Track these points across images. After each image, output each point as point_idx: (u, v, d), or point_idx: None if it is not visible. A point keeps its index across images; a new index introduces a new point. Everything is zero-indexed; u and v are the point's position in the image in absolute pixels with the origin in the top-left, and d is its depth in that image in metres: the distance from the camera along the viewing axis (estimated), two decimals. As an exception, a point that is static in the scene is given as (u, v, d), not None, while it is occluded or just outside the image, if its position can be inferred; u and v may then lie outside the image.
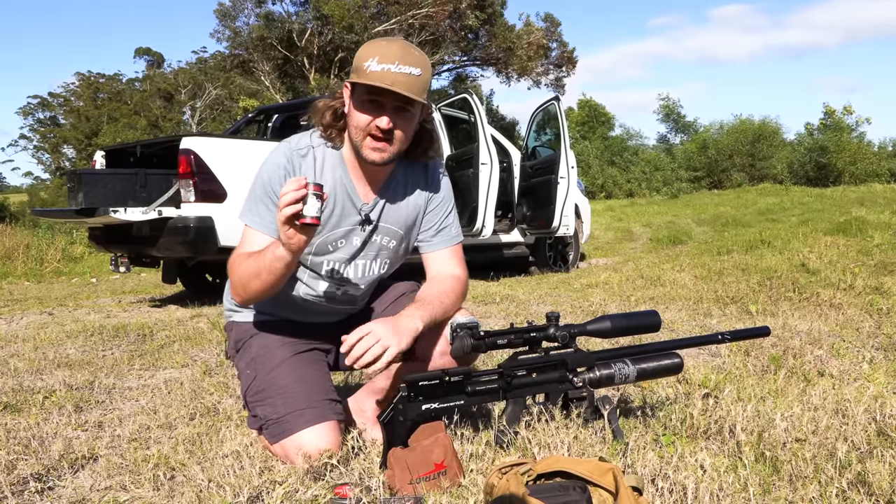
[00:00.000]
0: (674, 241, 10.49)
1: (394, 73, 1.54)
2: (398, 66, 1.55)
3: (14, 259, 9.58)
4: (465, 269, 1.86)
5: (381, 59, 1.55)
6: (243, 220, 1.71)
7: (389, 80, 1.54)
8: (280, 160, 1.69)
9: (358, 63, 1.59)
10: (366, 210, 1.75)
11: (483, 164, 6.07)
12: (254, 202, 1.69)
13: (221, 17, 25.55)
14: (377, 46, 1.59)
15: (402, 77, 1.55)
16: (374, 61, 1.55)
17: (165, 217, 4.72)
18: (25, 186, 44.24)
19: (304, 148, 1.72)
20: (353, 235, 1.77)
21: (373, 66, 1.55)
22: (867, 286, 4.20)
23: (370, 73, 1.55)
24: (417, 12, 22.61)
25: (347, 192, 1.73)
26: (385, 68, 1.54)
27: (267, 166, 1.70)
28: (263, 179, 1.68)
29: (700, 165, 29.59)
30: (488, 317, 4.06)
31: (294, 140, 1.74)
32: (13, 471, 1.67)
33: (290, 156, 1.69)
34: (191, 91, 35.06)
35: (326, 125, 1.71)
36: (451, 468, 1.43)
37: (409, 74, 1.56)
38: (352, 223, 1.76)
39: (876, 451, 1.53)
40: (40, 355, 3.27)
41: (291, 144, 1.72)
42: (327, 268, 1.78)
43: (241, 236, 1.72)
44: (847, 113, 29.93)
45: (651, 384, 2.21)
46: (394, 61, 1.55)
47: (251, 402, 1.76)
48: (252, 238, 1.68)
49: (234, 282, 1.66)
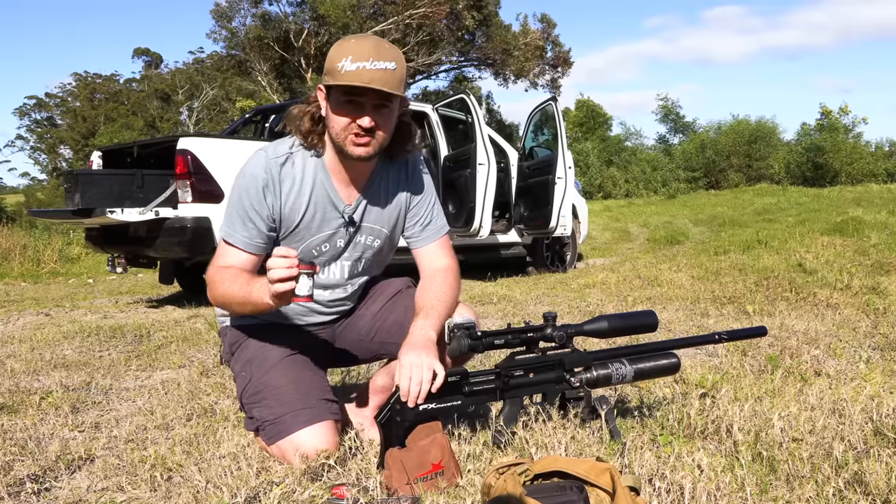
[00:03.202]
0: (671, 241, 10.50)
1: (370, 71, 1.52)
2: (373, 62, 1.52)
3: (11, 260, 9.56)
4: (455, 257, 1.88)
5: (354, 58, 1.52)
6: (221, 234, 1.69)
7: (366, 77, 1.51)
8: (257, 172, 1.65)
9: (331, 65, 1.56)
10: (348, 212, 1.75)
11: (480, 164, 6.08)
12: (231, 216, 1.67)
13: (218, 18, 25.50)
14: (348, 45, 1.55)
15: (378, 73, 1.52)
16: (348, 61, 1.52)
17: (162, 218, 4.72)
18: (22, 187, 44.16)
19: (283, 155, 1.68)
20: (336, 238, 1.77)
21: (347, 66, 1.52)
22: (864, 286, 4.22)
23: (345, 74, 1.52)
24: (414, 12, 22.57)
25: (329, 195, 1.72)
26: (360, 66, 1.52)
27: (244, 179, 1.67)
28: (240, 193, 1.66)
29: (697, 166, 29.60)
30: (486, 317, 4.06)
31: (272, 147, 1.70)
32: (9, 472, 1.67)
33: (267, 165, 1.66)
34: (188, 91, 35.07)
35: (306, 132, 1.68)
36: (448, 468, 1.43)
37: (385, 69, 1.53)
38: (334, 226, 1.75)
39: (872, 450, 1.53)
40: (37, 356, 3.26)
41: (269, 152, 1.68)
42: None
43: (218, 250, 1.70)
44: (843, 113, 29.97)
45: (648, 384, 2.22)
46: (368, 58, 1.52)
47: (247, 403, 1.76)
48: (229, 253, 1.67)
49: (215, 297, 1.66)
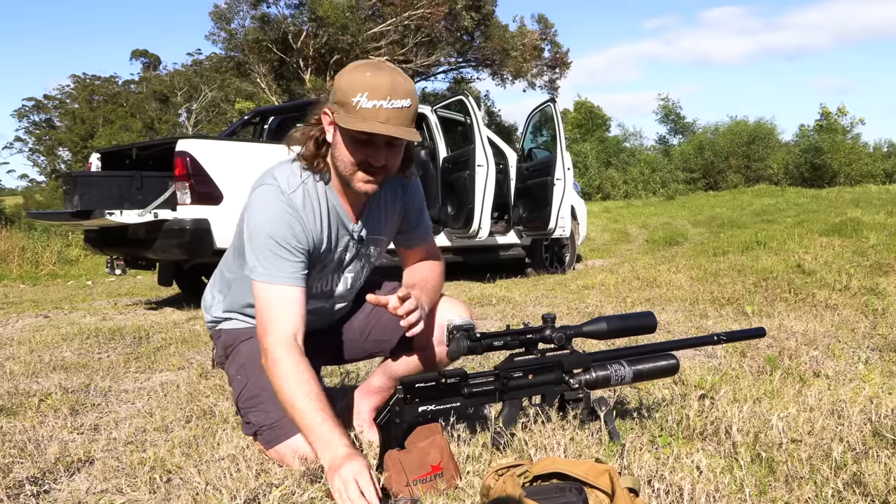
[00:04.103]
0: (670, 242, 10.50)
1: (387, 111, 1.46)
2: (390, 101, 1.46)
3: (9, 262, 9.56)
4: (441, 256, 1.94)
5: (371, 95, 1.46)
6: (259, 279, 1.58)
7: (383, 118, 1.46)
8: (279, 209, 1.58)
9: (345, 98, 1.48)
10: (356, 230, 1.74)
11: (479, 165, 6.08)
12: (265, 257, 1.57)
13: (217, 19, 25.48)
14: (364, 78, 1.48)
15: (395, 114, 1.47)
16: (364, 97, 1.46)
17: (161, 219, 4.71)
18: (20, 189, 44.20)
19: (297, 187, 1.62)
20: (344, 253, 1.77)
21: (363, 104, 1.46)
22: (862, 287, 4.22)
23: (361, 112, 1.46)
24: (413, 13, 22.58)
25: (340, 218, 1.70)
26: (377, 105, 1.46)
27: (265, 218, 1.58)
28: (268, 233, 1.57)
29: (696, 167, 29.61)
30: (485, 318, 4.06)
31: (283, 180, 1.62)
32: (9, 474, 1.67)
33: (288, 201, 1.59)
34: (186, 93, 35.09)
35: (311, 157, 1.62)
36: (447, 470, 1.43)
37: (402, 109, 1.48)
38: (343, 244, 1.75)
39: (871, 451, 1.53)
40: (36, 358, 3.26)
41: (283, 186, 1.60)
42: (318, 283, 1.77)
43: (262, 296, 1.58)
44: (841, 114, 29.99)
45: (647, 385, 2.22)
46: (385, 97, 1.46)
47: (243, 408, 1.75)
48: (274, 294, 1.57)
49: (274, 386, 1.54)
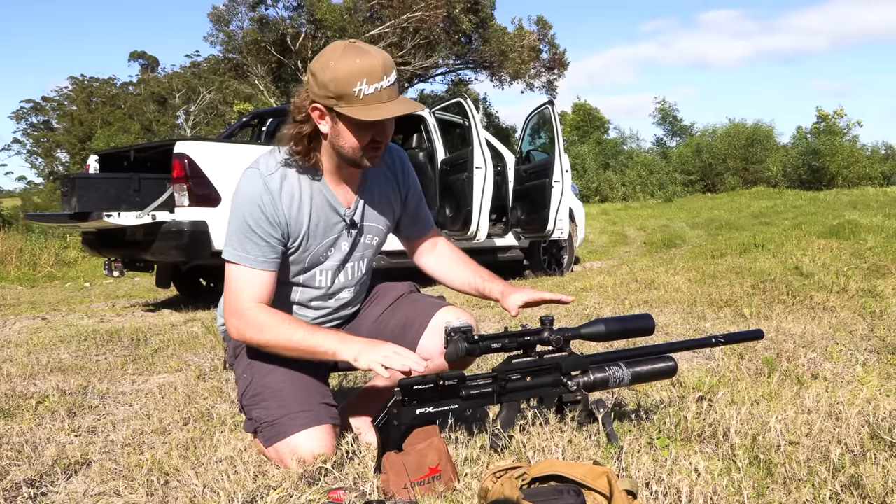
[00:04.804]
0: (668, 244, 10.51)
1: (387, 90, 1.51)
2: (386, 79, 1.50)
3: (7, 263, 9.54)
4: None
5: (370, 79, 1.48)
6: (229, 258, 1.64)
7: (386, 97, 1.51)
8: (257, 191, 1.61)
9: (344, 89, 1.48)
10: (349, 214, 1.74)
11: (477, 167, 6.08)
12: (238, 238, 1.63)
13: (215, 21, 25.46)
14: (355, 65, 1.48)
15: (393, 90, 1.52)
16: (364, 84, 1.47)
17: (159, 221, 4.71)
18: (18, 191, 44.19)
19: (276, 170, 1.64)
20: (340, 242, 1.76)
21: (366, 90, 1.48)
22: (860, 289, 4.22)
23: (367, 98, 1.49)
24: (411, 16, 22.59)
25: (328, 201, 1.70)
26: (378, 87, 1.49)
27: (244, 199, 1.62)
28: (243, 213, 1.62)
29: (694, 169, 29.64)
30: (483, 320, 4.06)
31: (263, 163, 1.65)
32: (6, 476, 1.66)
33: (265, 182, 1.62)
34: (185, 95, 35.11)
35: (304, 152, 1.63)
36: (445, 472, 1.43)
37: (394, 82, 1.53)
38: (337, 230, 1.74)
39: (869, 453, 1.53)
40: (33, 360, 3.25)
41: (263, 169, 1.63)
42: (320, 278, 1.77)
43: (230, 276, 1.64)
44: (839, 116, 30.03)
45: (645, 387, 2.22)
46: (382, 77, 1.49)
47: (247, 405, 1.76)
48: (244, 276, 1.63)
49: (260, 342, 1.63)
